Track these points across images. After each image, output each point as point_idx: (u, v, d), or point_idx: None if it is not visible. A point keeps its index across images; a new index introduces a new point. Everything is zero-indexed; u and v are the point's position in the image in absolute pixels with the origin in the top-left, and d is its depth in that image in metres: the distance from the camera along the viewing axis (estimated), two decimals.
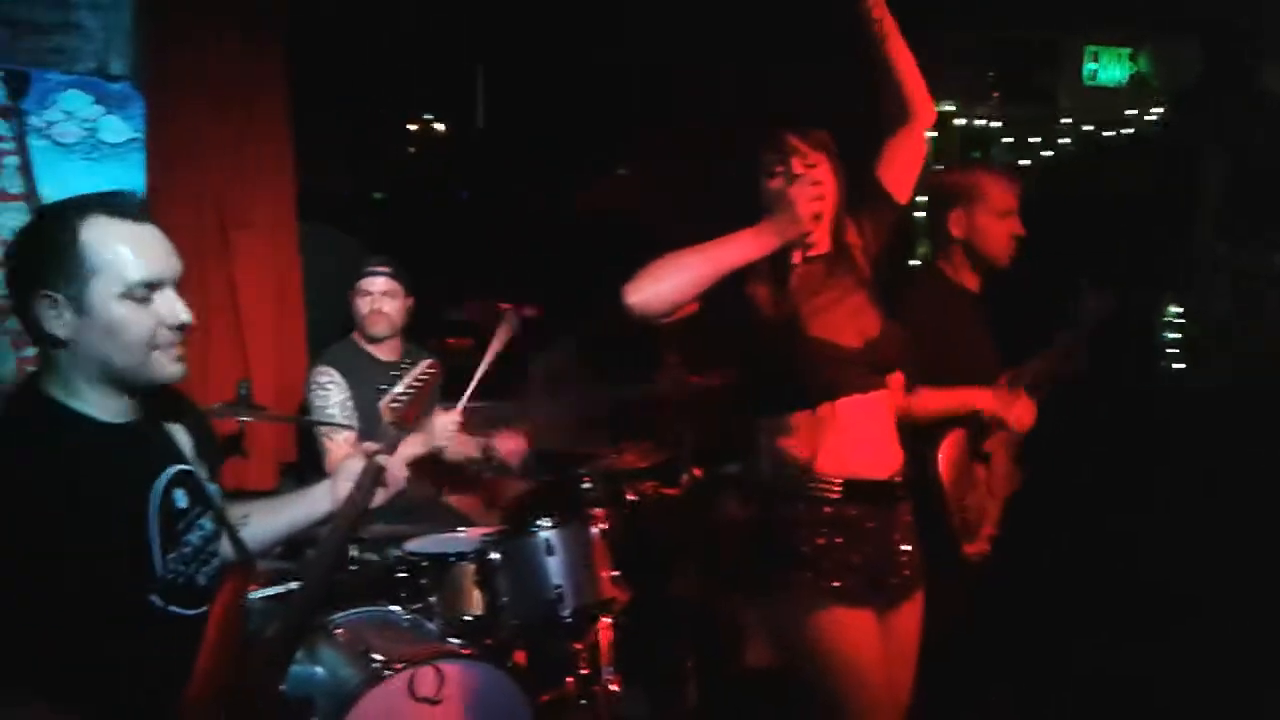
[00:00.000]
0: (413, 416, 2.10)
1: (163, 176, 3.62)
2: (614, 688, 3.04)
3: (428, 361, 2.18)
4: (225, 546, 1.91)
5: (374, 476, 1.97)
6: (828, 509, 2.28)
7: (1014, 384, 2.93)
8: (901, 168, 2.45)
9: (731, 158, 2.48)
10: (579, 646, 3.07)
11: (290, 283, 3.98)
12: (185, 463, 1.83)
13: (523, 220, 5.37)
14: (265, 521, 2.02)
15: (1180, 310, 4.69)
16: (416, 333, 3.70)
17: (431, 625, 2.84)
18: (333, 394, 3.42)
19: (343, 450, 3.36)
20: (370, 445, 2.02)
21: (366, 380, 3.42)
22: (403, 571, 2.96)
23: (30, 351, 3.39)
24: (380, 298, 3.51)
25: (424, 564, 2.95)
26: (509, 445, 3.51)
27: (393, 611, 2.89)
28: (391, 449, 2.01)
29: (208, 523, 1.85)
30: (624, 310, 2.19)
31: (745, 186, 2.39)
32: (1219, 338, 4.59)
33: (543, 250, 5.14)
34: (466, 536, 3.18)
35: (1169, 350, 4.69)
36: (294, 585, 2.81)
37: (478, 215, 5.51)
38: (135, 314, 1.67)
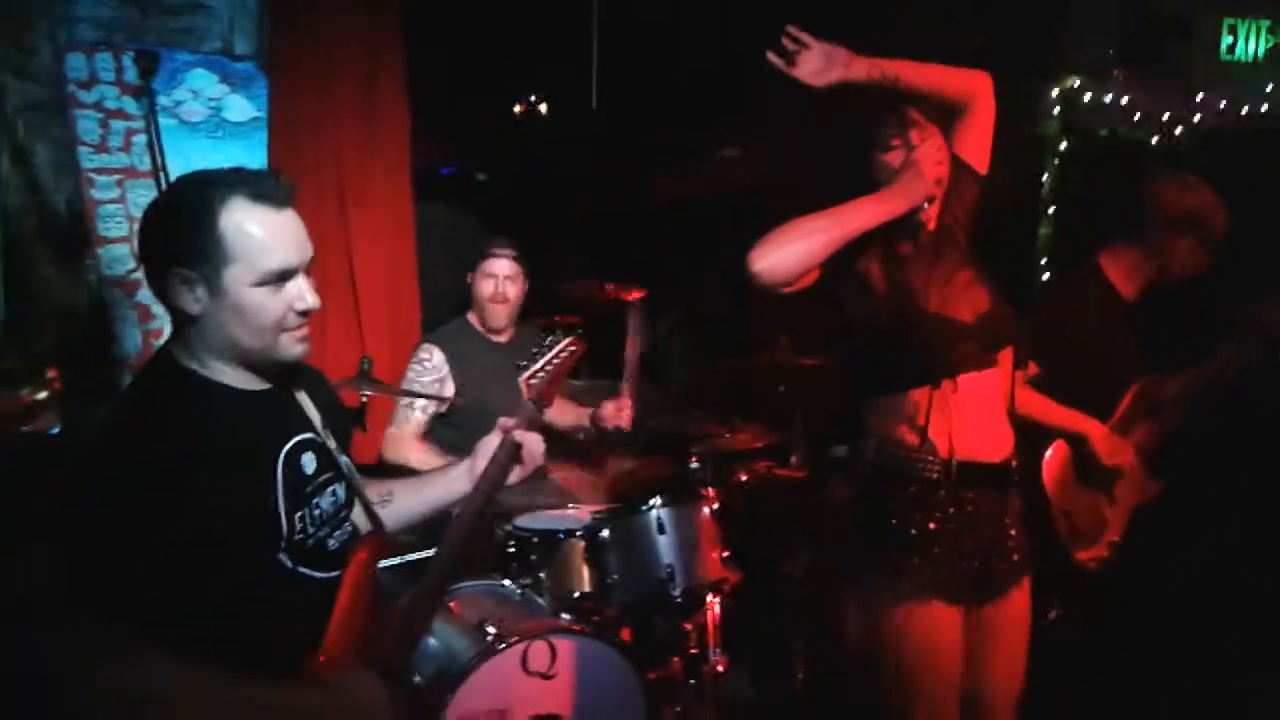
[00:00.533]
0: (552, 395, 2.08)
1: (284, 155, 3.69)
2: (721, 668, 3.02)
3: (569, 339, 2.15)
4: (359, 515, 1.93)
5: (510, 454, 1.97)
6: (943, 491, 2.24)
7: (1149, 396, 2.84)
8: (975, 140, 2.41)
9: (844, 133, 2.44)
10: (688, 626, 3.05)
11: (405, 260, 4.04)
12: (314, 432, 1.85)
13: (627, 201, 5.35)
14: (406, 500, 2.05)
15: None
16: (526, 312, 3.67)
17: (542, 600, 2.85)
18: (424, 374, 3.42)
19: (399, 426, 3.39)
20: (507, 421, 2.01)
21: (478, 362, 3.43)
22: (512, 546, 2.97)
23: (155, 325, 3.50)
24: (504, 281, 3.46)
25: (534, 539, 2.95)
26: (614, 409, 3.44)
27: (504, 585, 2.90)
28: (529, 426, 2.00)
29: (339, 489, 1.88)
30: (747, 278, 2.16)
31: (854, 162, 2.35)
32: None
33: (646, 231, 5.12)
34: (576, 513, 3.18)
35: None
36: (413, 556, 2.84)
37: (580, 197, 5.51)
38: (267, 299, 1.68)
